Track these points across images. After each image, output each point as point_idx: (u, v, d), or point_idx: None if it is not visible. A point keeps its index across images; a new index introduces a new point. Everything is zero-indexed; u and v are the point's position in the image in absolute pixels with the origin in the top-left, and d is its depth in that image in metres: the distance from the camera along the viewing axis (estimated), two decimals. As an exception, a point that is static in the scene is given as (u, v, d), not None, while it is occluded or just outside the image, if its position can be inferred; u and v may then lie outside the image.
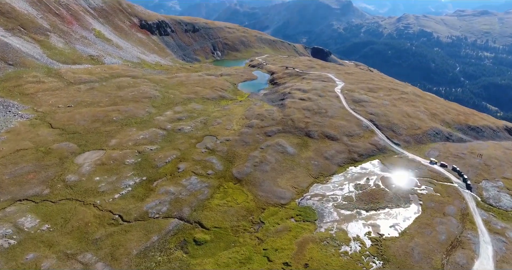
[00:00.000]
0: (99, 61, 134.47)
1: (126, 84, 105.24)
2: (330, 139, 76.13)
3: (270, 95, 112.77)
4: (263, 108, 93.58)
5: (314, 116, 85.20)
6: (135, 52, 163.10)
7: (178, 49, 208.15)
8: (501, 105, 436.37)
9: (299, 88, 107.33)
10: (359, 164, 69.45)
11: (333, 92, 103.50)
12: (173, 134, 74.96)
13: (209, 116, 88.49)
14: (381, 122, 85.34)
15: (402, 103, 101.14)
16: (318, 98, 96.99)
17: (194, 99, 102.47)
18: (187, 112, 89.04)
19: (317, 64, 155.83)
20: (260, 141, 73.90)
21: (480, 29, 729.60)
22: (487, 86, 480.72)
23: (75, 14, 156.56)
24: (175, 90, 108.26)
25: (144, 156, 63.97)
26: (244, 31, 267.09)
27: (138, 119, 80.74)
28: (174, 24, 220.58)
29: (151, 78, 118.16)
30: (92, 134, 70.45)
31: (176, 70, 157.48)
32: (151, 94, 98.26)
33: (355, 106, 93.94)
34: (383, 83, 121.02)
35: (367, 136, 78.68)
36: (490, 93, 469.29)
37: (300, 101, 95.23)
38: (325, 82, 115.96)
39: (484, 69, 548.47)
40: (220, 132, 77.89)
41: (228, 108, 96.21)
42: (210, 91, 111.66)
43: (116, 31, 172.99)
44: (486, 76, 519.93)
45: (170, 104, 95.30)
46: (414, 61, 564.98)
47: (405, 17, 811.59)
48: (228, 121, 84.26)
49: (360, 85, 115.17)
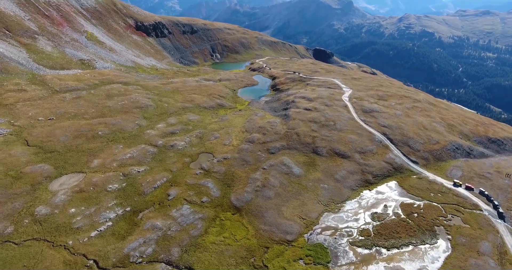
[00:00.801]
0: (90, 65, 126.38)
1: (117, 92, 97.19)
2: (340, 157, 68.09)
3: (272, 103, 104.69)
4: (265, 119, 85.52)
5: (321, 129, 77.14)
6: (130, 55, 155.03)
7: (176, 52, 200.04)
8: (504, 107, 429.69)
9: (304, 96, 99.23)
10: (374, 187, 61.45)
11: (340, 101, 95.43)
12: (165, 151, 66.91)
13: (205, 128, 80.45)
14: (396, 136, 77.27)
15: (416, 113, 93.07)
16: (325, 108, 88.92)
17: (190, 108, 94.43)
18: (182, 124, 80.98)
19: (321, 68, 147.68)
20: (262, 159, 65.86)
21: (482, 29, 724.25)
22: (490, 87, 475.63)
23: (66, 16, 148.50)
24: (170, 98, 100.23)
25: (130, 180, 55.93)
26: (244, 32, 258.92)
27: (127, 133, 72.69)
28: (171, 25, 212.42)
29: (144, 84, 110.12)
30: (73, 152, 62.38)
31: (172, 74, 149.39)
32: (143, 103, 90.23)
33: (365, 117, 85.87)
34: (393, 90, 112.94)
35: (381, 153, 70.63)
36: (494, 94, 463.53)
37: (305, 111, 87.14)
38: (332, 89, 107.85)
39: (487, 70, 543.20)
40: (218, 148, 69.87)
41: (226, 118, 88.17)
42: (208, 99, 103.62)
43: (109, 33, 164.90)
44: (489, 77, 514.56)
45: (163, 114, 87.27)
46: (416, 61, 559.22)
47: (407, 17, 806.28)
48: (226, 135, 76.23)
49: (369, 92, 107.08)
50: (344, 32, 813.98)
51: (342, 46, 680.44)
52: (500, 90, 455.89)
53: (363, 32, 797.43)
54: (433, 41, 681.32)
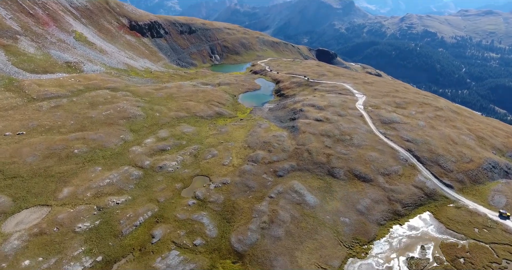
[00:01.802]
0: (77, 68, 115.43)
1: (102, 99, 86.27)
2: (361, 180, 57.18)
3: (277, 111, 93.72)
4: (270, 131, 74.51)
5: (336, 146, 66.16)
6: (122, 57, 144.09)
7: (172, 53, 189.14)
8: (509, 108, 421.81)
9: (313, 104, 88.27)
10: (406, 221, 50.51)
11: (355, 110, 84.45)
12: (152, 175, 56.00)
13: (201, 143, 69.51)
14: (423, 152, 66.31)
15: (441, 123, 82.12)
16: (338, 118, 77.93)
17: (184, 118, 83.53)
18: (174, 138, 70.05)
19: (328, 71, 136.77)
20: (269, 185, 54.93)
21: (485, 29, 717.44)
22: (494, 88, 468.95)
23: (53, 14, 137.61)
24: (162, 106, 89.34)
25: (106, 216, 44.99)
26: (244, 32, 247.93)
27: (108, 151, 61.75)
28: (168, 25, 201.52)
29: (134, 90, 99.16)
30: (40, 178, 51.46)
31: (168, 77, 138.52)
32: (131, 113, 79.29)
33: (385, 129, 74.91)
34: (410, 96, 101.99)
35: (408, 174, 59.70)
36: (498, 95, 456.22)
37: (316, 122, 76.15)
38: (343, 96, 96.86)
39: (490, 70, 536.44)
40: (215, 169, 58.95)
41: (226, 130, 77.18)
42: (205, 107, 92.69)
43: (101, 33, 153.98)
44: (493, 77, 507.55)
45: (153, 126, 76.33)
46: (419, 62, 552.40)
47: (408, 17, 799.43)
48: (225, 152, 65.27)
49: (384, 99, 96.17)
50: (345, 32, 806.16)
51: (343, 46, 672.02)
52: (505, 91, 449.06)
53: (365, 32, 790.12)
54: (435, 41, 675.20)
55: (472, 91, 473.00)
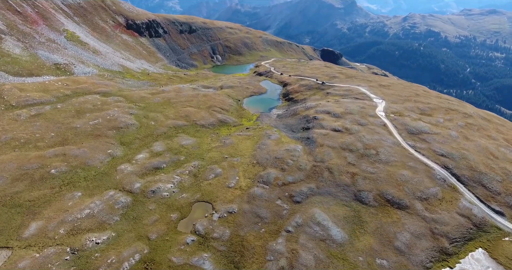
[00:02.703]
0: (67, 70, 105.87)
1: (91, 106, 76.58)
2: (395, 207, 47.34)
3: (287, 118, 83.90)
4: (281, 144, 64.65)
5: (361, 162, 56.32)
6: (117, 58, 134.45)
7: (172, 53, 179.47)
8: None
9: (328, 111, 78.44)
10: (456, 262, 40.69)
11: (376, 118, 74.59)
12: (143, 202, 46.24)
13: (202, 158, 59.75)
14: (462, 170, 56.45)
15: (474, 133, 72.22)
16: (359, 128, 68.05)
17: (183, 127, 73.79)
18: (171, 153, 60.29)
19: (339, 73, 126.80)
20: (284, 214, 45.14)
21: (489, 29, 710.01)
22: (500, 88, 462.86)
23: (43, 12, 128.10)
24: (159, 113, 79.63)
25: (81, 262, 35.26)
26: (247, 31, 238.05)
27: (92, 170, 52.01)
28: (167, 24, 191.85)
29: (128, 95, 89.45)
30: (3, 209, 41.75)
31: (166, 80, 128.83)
32: (122, 122, 69.56)
33: (414, 141, 65.05)
34: (433, 101, 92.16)
35: (450, 199, 49.86)
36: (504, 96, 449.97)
37: (334, 133, 66.29)
38: (360, 101, 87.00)
39: (495, 70, 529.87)
40: (219, 193, 49.17)
41: (230, 142, 67.37)
42: (207, 114, 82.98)
43: (95, 32, 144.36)
44: (498, 77, 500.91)
45: (147, 137, 66.58)
46: (423, 62, 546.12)
47: (411, 16, 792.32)
48: (231, 170, 55.51)
49: (406, 104, 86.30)
50: (347, 32, 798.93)
51: (345, 46, 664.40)
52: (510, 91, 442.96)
53: (367, 32, 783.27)
54: (439, 41, 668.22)
55: (477, 91, 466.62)
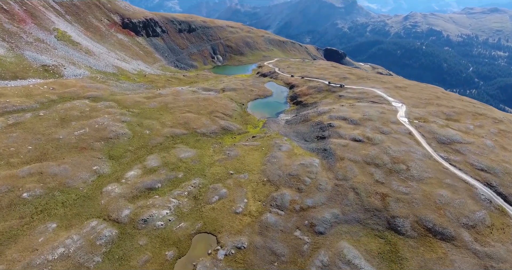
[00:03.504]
0: (56, 73, 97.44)
1: (78, 113, 68.10)
2: (438, 238, 38.86)
3: (297, 125, 75.41)
4: (294, 157, 56.16)
5: (390, 179, 47.84)
6: (112, 59, 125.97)
7: (170, 54, 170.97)
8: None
9: (344, 117, 69.97)
10: (526, 314, 32.32)
11: (399, 125, 66.14)
12: (132, 234, 37.76)
13: (204, 175, 51.28)
14: (508, 188, 47.97)
15: (510, 141, 63.83)
16: (383, 138, 59.57)
17: (182, 136, 65.34)
18: (167, 169, 51.80)
19: (349, 73, 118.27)
20: (306, 250, 36.67)
21: (491, 27, 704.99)
22: (504, 88, 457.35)
23: (32, 10, 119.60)
24: (155, 120, 71.17)
25: None
26: (248, 30, 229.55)
27: (72, 193, 43.54)
28: (165, 22, 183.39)
29: (121, 99, 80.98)
30: (-44, 248, 33.32)
31: (164, 82, 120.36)
32: (112, 132, 61.10)
33: (446, 152, 56.59)
34: (457, 104, 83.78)
35: (500, 225, 41.41)
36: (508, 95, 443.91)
37: (355, 144, 57.82)
38: (378, 105, 78.51)
39: (499, 69, 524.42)
40: (225, 221, 40.71)
41: (236, 154, 58.90)
42: (208, 120, 74.54)
43: (88, 31, 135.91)
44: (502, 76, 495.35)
45: (141, 149, 58.12)
46: (425, 61, 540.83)
47: (412, 15, 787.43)
48: (238, 190, 47.04)
49: (429, 108, 77.88)
50: (348, 31, 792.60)
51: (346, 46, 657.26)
52: None
53: (368, 31, 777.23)
54: (441, 40, 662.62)
55: (481, 90, 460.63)
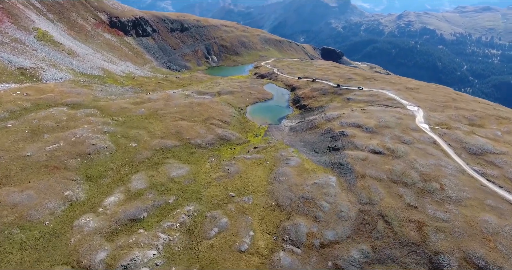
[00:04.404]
0: (34, 76, 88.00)
1: (53, 123, 59.05)
2: (495, 282, 30.98)
3: (304, 132, 67.23)
4: (306, 174, 47.90)
5: (424, 202, 39.87)
6: (98, 60, 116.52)
7: (162, 54, 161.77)
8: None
9: (357, 124, 61.98)
10: None
11: (420, 132, 58.37)
12: (107, 288, 29.16)
13: (200, 199, 42.79)
14: None
15: (546, 150, 56.36)
16: (406, 148, 51.64)
17: (173, 149, 56.73)
18: (156, 192, 43.17)
19: (353, 73, 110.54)
20: (334, 305, 28.43)
21: (484, 26, 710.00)
22: (498, 86, 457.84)
23: (10, 8, 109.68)
24: (143, 129, 62.42)
25: None
26: (244, 29, 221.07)
27: (35, 230, 34.70)
28: (156, 21, 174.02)
29: (105, 106, 71.98)
30: None
31: (154, 84, 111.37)
32: (91, 146, 52.24)
33: (480, 165, 48.88)
34: (476, 106, 76.51)
35: None
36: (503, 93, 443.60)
37: (374, 157, 49.78)
38: (392, 109, 70.73)
39: (493, 67, 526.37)
40: (227, 264, 32.26)
41: (236, 170, 50.50)
42: (203, 129, 66.02)
43: (72, 31, 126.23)
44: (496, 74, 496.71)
45: (125, 167, 49.38)
46: (420, 60, 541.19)
47: (406, 14, 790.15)
48: (241, 219, 38.65)
49: (448, 112, 70.39)
50: (342, 30, 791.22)
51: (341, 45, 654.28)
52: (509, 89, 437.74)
53: (362, 31, 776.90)
54: (435, 39, 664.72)
55: (476, 88, 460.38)
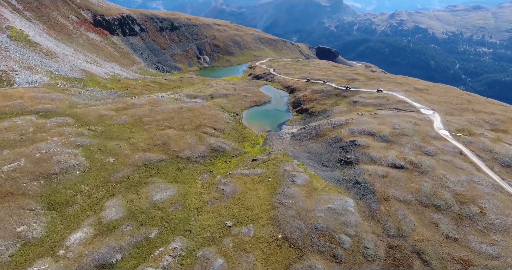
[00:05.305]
0: (4, 80, 78.67)
1: (17, 135, 50.21)
2: None
3: (308, 141, 59.46)
4: (317, 196, 40.10)
5: (465, 232, 32.46)
6: (79, 61, 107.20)
7: (150, 54, 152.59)
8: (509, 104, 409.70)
9: (369, 131, 54.48)
10: None
11: (442, 140, 51.12)
12: None
13: (189, 231, 34.69)
14: None
15: None
16: (431, 161, 44.21)
17: (159, 164, 48.45)
18: (134, 224, 34.92)
19: (355, 73, 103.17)
20: None
21: (475, 24, 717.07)
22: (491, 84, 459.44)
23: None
24: (124, 140, 53.97)
25: None
26: (237, 28, 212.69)
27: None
28: (144, 20, 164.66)
29: (81, 113, 63.22)
30: None
31: (141, 87, 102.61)
32: (58, 164, 43.67)
33: (518, 180, 41.78)
34: (493, 109, 69.81)
35: None
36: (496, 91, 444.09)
37: (396, 173, 42.24)
38: (405, 113, 63.44)
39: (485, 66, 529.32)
40: None
41: (233, 191, 42.52)
42: (194, 138, 57.83)
43: (52, 30, 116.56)
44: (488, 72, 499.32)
45: (98, 190, 40.94)
46: (413, 59, 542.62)
47: (398, 13, 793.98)
48: (241, 258, 30.66)
49: (466, 116, 63.43)
50: (335, 29, 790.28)
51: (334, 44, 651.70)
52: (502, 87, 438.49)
53: (355, 30, 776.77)
54: (427, 37, 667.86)
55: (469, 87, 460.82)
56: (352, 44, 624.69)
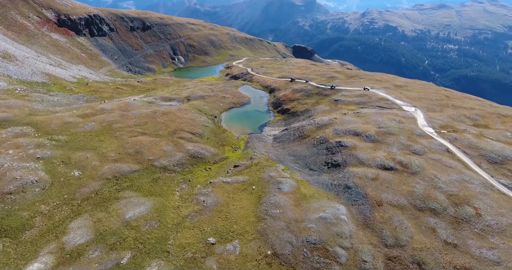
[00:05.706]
0: (-47, 86, 70.36)
1: (-37, 149, 43.88)
2: None
3: (291, 143, 56.78)
4: (306, 204, 37.35)
5: (462, 237, 30.78)
6: (42, 64, 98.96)
7: (121, 56, 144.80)
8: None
9: (354, 131, 52.56)
10: None
11: (428, 138, 50.04)
12: None
13: (167, 252, 30.77)
14: None
15: (563, 151, 50.13)
16: (420, 161, 42.70)
17: (131, 176, 43.94)
18: (104, 248, 30.56)
19: (335, 72, 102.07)
20: None
21: (441, 22, 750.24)
22: (458, 79, 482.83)
23: None
24: (91, 150, 48.84)
25: None
26: (212, 28, 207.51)
27: None
28: (113, 19, 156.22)
29: (43, 121, 57.13)
30: None
31: (112, 91, 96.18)
32: (14, 181, 38.25)
33: (506, 176, 41.17)
34: (472, 104, 70.38)
35: None
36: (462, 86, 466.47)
37: (386, 174, 40.31)
38: (388, 111, 62.30)
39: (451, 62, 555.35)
40: None
41: (215, 202, 38.95)
42: (170, 145, 53.56)
43: (10, 31, 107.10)
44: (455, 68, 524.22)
45: (61, 209, 36.05)
46: (385, 56, 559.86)
47: (369, 12, 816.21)
48: (227, 283, 27.26)
49: (447, 112, 63.23)
50: (309, 28, 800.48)
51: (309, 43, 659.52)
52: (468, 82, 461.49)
53: (328, 28, 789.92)
54: (397, 35, 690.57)
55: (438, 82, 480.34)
56: (326, 43, 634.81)
